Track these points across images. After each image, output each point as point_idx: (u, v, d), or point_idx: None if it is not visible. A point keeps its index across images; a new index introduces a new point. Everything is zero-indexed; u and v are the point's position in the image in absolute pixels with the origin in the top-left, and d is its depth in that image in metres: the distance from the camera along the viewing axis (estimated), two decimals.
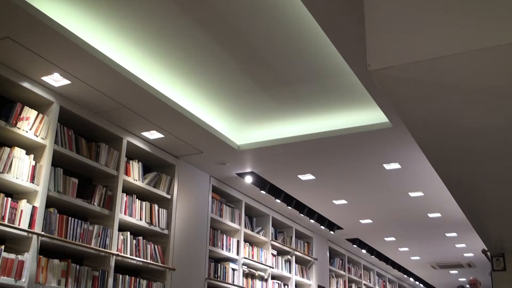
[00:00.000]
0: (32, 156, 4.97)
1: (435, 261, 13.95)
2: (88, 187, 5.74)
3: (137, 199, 6.23)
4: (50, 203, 5.09)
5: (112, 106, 5.50)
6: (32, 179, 4.91)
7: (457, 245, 11.98)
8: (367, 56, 2.43)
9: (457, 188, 4.46)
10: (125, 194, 6.05)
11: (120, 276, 5.83)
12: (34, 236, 4.81)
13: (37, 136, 4.99)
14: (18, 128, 4.85)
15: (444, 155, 3.74)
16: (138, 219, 6.18)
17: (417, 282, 16.67)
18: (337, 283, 11.72)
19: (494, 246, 6.43)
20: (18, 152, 4.82)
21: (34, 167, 4.94)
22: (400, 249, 12.52)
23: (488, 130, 3.24)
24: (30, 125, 4.95)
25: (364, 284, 13.29)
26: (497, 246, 6.38)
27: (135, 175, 6.23)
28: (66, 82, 5.03)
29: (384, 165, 7.08)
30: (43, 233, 4.88)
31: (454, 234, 10.94)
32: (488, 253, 6.69)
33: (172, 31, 4.73)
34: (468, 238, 11.06)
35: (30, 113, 4.98)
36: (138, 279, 6.07)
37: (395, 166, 7.10)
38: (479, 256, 11.73)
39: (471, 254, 12.79)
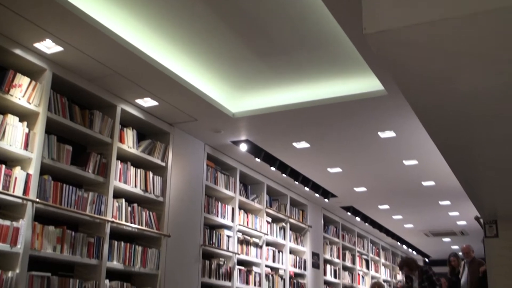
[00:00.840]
0: (25, 123, 4.93)
1: (428, 229, 14.09)
2: (82, 154, 5.73)
3: (131, 167, 6.22)
4: (44, 170, 5.08)
5: (105, 72, 5.45)
6: (26, 146, 4.89)
7: (450, 213, 12.08)
8: (363, 19, 2.40)
9: (451, 155, 4.47)
10: (119, 161, 6.04)
11: (116, 242, 5.86)
12: (29, 203, 4.81)
13: (30, 103, 4.96)
14: (11, 96, 4.81)
15: (439, 120, 3.73)
16: (133, 187, 6.19)
17: (410, 250, 16.86)
18: (331, 250, 11.84)
19: (487, 213, 6.48)
20: (11, 119, 4.79)
21: (27, 135, 4.91)
22: (394, 217, 12.62)
23: (484, 95, 3.23)
24: (23, 92, 4.91)
25: (358, 251, 13.44)
26: (490, 213, 6.43)
27: (129, 143, 6.21)
28: (58, 48, 4.97)
29: (379, 133, 7.08)
30: (37, 200, 4.88)
31: (448, 202, 11.02)
32: (481, 220, 6.75)
33: None
34: (461, 206, 11.15)
35: (22, 80, 4.93)
36: (133, 246, 6.11)
37: (390, 134, 7.11)
38: (472, 224, 11.84)
39: (464, 222, 12.91)
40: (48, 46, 4.94)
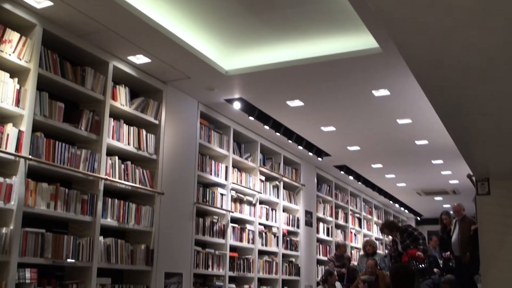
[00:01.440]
0: (16, 79, 4.88)
1: (421, 187, 14.19)
2: (74, 111, 5.69)
3: (124, 124, 6.20)
4: (36, 127, 5.05)
5: (96, 28, 5.36)
6: (17, 103, 4.85)
7: (443, 172, 12.16)
8: None
9: (445, 112, 4.45)
10: (112, 119, 6.01)
11: (109, 199, 5.88)
12: (22, 160, 4.80)
13: (20, 59, 4.89)
14: (1, 51, 4.75)
15: (434, 77, 3.70)
16: (126, 144, 6.17)
17: (402, 208, 17.02)
18: (324, 209, 11.94)
19: (479, 171, 6.51)
20: (2, 76, 4.73)
21: (18, 91, 4.86)
22: (387, 175, 12.69)
23: (480, 51, 3.19)
24: (13, 48, 4.84)
25: (351, 210, 13.56)
26: (482, 171, 6.46)
27: (122, 100, 6.17)
28: (48, 3, 4.88)
29: (373, 91, 7.05)
30: (30, 157, 4.87)
31: (440, 161, 11.08)
32: (473, 178, 6.78)
33: None
34: (453, 166, 11.21)
35: (12, 36, 4.85)
36: (127, 203, 6.13)
37: (384, 92, 7.08)
38: (464, 183, 11.92)
39: (456, 181, 13.01)
40: (37, 1, 4.85)
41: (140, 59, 6.13)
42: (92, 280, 5.49)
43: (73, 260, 5.31)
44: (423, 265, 8.44)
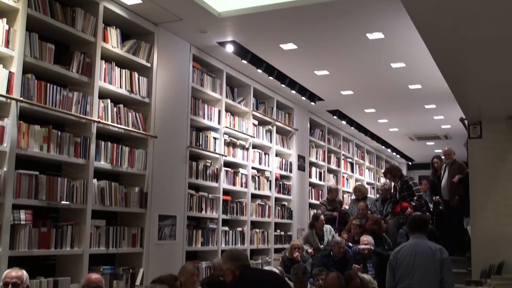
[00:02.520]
0: (4, 20, 4.79)
1: (413, 132, 14.25)
2: (65, 53, 5.62)
3: (116, 67, 6.13)
4: (27, 69, 5.00)
5: None
6: (7, 44, 4.78)
7: (435, 117, 12.19)
8: None
9: (440, 53, 4.43)
10: (103, 61, 5.94)
11: (102, 143, 5.88)
12: (13, 102, 4.77)
13: None
14: None
15: (430, 17, 3.66)
16: (118, 87, 6.13)
17: (394, 153, 17.14)
18: (316, 153, 12.00)
19: (471, 115, 6.54)
20: None
21: (7, 32, 4.79)
22: (380, 120, 12.72)
23: None
24: None
25: (343, 155, 13.64)
26: (474, 115, 6.48)
27: (113, 42, 6.09)
28: None
29: (367, 34, 6.98)
30: (21, 98, 4.84)
31: (433, 106, 11.09)
32: (466, 122, 6.82)
33: None
34: (446, 110, 11.23)
35: None
36: (120, 146, 6.14)
37: (378, 35, 7.00)
38: (456, 128, 11.98)
39: (448, 126, 13.06)
40: None
41: None
42: (87, 221, 5.55)
43: (67, 202, 5.35)
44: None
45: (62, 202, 5.29)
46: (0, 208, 4.67)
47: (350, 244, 8.56)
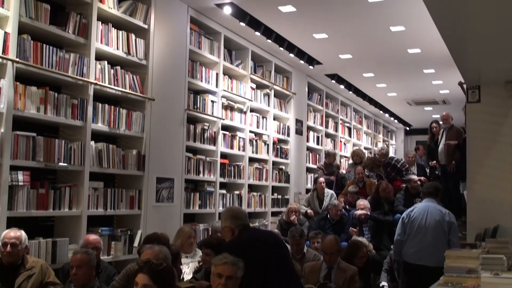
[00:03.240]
0: None
1: (411, 97, 14.21)
2: (61, 14, 5.55)
3: (113, 28, 6.07)
4: (22, 29, 4.95)
5: None
6: (2, 4, 4.73)
7: (434, 82, 12.14)
8: None
9: (440, 14, 4.38)
10: (100, 22, 5.87)
11: (100, 105, 5.86)
12: (9, 62, 4.74)
13: None
14: None
15: None
16: (115, 49, 6.08)
17: (392, 118, 17.13)
18: (314, 118, 11.99)
19: (470, 78, 6.50)
20: None
21: None
22: (378, 85, 12.67)
23: None
24: None
25: (341, 119, 13.63)
26: (473, 78, 6.45)
27: (109, 3, 6.01)
28: None
29: None
30: (17, 59, 4.80)
31: (432, 71, 11.03)
32: (464, 86, 6.79)
33: None
34: (445, 75, 11.17)
35: None
36: (117, 109, 6.11)
37: None
38: (454, 93, 11.95)
39: (446, 91, 13.01)
40: None
41: None
42: (85, 183, 5.57)
43: (65, 164, 5.36)
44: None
45: (60, 163, 5.30)
46: None
47: (347, 207, 8.64)
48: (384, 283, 6.63)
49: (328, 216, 8.24)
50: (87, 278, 4.24)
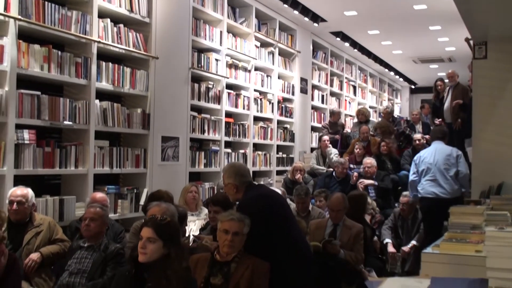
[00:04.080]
0: None
1: (417, 55, 14.08)
2: None
3: None
4: None
5: None
6: None
7: (440, 39, 12.01)
8: None
9: None
10: None
11: (103, 63, 5.83)
12: (11, 20, 4.69)
13: None
14: None
15: None
16: (117, 6, 6.01)
17: (397, 77, 17.02)
18: (319, 76, 11.91)
19: (477, 34, 6.40)
20: None
21: None
22: (383, 42, 12.54)
23: None
24: None
25: (346, 78, 13.54)
26: (480, 34, 6.35)
27: None
28: None
29: None
30: (20, 17, 4.75)
31: (438, 27, 10.90)
32: (471, 42, 6.71)
33: None
34: (451, 32, 11.05)
35: None
36: (121, 67, 6.08)
37: None
38: (460, 50, 11.85)
39: (452, 48, 12.89)
40: None
41: None
42: (90, 142, 5.58)
43: (70, 122, 5.36)
44: None
45: (65, 122, 5.30)
46: (3, 127, 4.68)
47: (352, 166, 8.66)
48: (388, 240, 6.70)
49: (334, 174, 8.27)
50: (98, 232, 4.29)
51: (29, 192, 4.53)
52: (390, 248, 6.60)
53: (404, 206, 6.74)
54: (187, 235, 5.05)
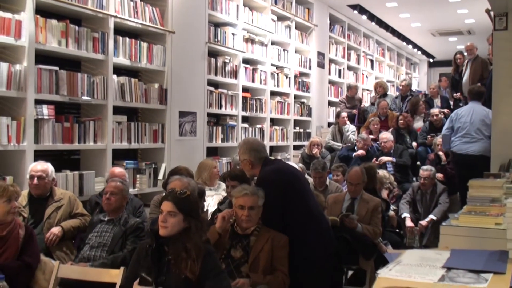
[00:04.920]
0: None
1: (435, 28, 13.88)
2: None
3: None
4: None
5: None
6: None
7: (459, 11, 11.82)
8: None
9: None
10: None
11: (120, 38, 5.83)
12: None
13: None
14: None
15: None
16: None
17: (415, 50, 16.81)
18: (336, 50, 11.81)
19: (498, 5, 6.28)
20: None
21: None
22: (401, 15, 12.37)
23: None
24: None
25: (363, 51, 13.41)
26: (501, 5, 6.22)
27: None
28: None
29: None
30: None
31: None
32: (491, 13, 6.59)
33: None
34: (470, 3, 10.86)
35: None
36: (138, 42, 6.08)
37: None
38: (480, 22, 11.67)
39: (472, 20, 12.69)
40: None
41: None
42: (108, 117, 5.61)
43: (88, 98, 5.38)
44: None
45: (83, 97, 5.33)
46: (22, 102, 4.72)
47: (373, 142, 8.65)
48: (406, 214, 6.69)
49: (356, 148, 8.31)
50: (118, 206, 4.34)
51: (49, 167, 4.58)
52: (408, 223, 6.60)
53: (426, 180, 6.72)
54: (205, 210, 5.08)
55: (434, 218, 6.47)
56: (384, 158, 7.91)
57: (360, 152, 8.10)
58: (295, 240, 3.74)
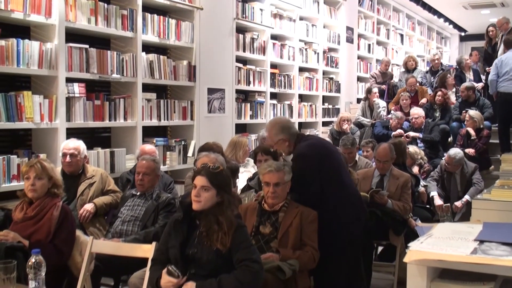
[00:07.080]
0: None
1: (467, 0, 13.58)
2: None
3: None
4: None
5: None
6: None
7: None
8: None
9: None
10: None
11: (149, 15, 5.84)
12: None
13: None
14: None
15: None
16: None
17: (446, 24, 16.46)
18: (365, 25, 11.64)
19: None
20: None
21: None
22: None
23: None
24: None
25: (393, 26, 13.20)
26: None
27: None
28: None
29: None
30: None
31: None
32: None
33: None
34: None
35: None
36: (167, 19, 6.08)
37: None
38: None
39: None
40: None
41: None
42: (138, 94, 5.65)
43: (118, 75, 5.42)
44: None
45: (113, 75, 5.37)
46: (54, 81, 4.78)
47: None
48: (434, 193, 6.61)
49: (390, 127, 8.26)
50: (151, 184, 4.39)
51: (81, 144, 4.64)
52: (437, 201, 6.52)
53: (449, 165, 6.59)
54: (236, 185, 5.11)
55: (470, 199, 6.34)
56: (411, 134, 7.84)
57: (398, 132, 8.01)
58: (330, 209, 3.79)
